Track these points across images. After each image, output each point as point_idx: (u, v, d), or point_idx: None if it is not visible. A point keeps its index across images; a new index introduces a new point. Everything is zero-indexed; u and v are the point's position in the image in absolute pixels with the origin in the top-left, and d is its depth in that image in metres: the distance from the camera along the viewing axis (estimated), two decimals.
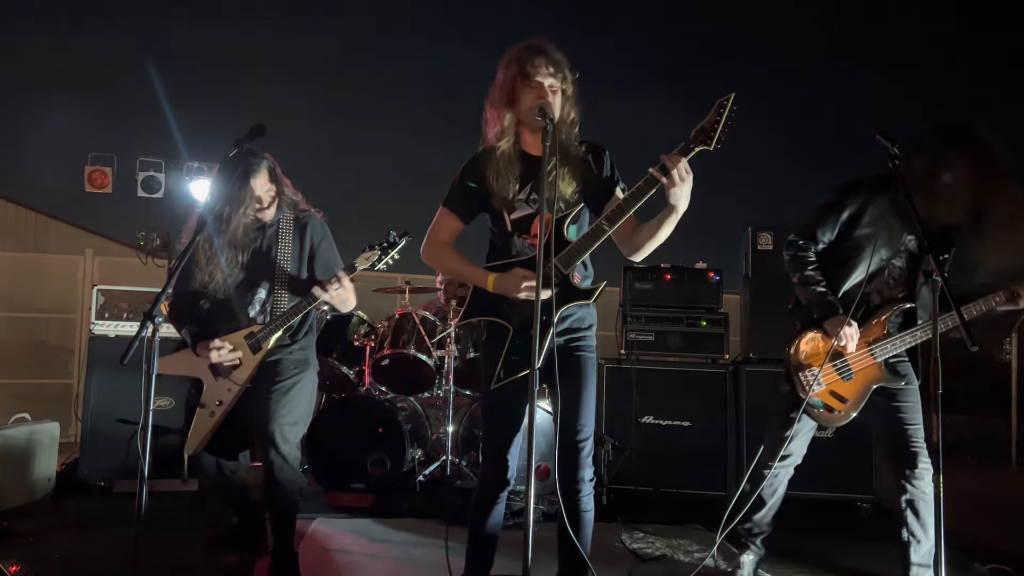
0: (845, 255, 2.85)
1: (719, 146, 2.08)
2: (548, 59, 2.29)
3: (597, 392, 2.44)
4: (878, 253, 2.76)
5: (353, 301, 2.98)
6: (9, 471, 3.91)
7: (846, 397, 2.77)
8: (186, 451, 2.97)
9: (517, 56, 2.31)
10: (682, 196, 2.14)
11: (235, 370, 2.91)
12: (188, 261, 2.86)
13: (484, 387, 2.40)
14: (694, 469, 4.52)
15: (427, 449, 4.85)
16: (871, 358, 2.75)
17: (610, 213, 2.22)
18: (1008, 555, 3.46)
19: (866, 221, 2.79)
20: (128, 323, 4.47)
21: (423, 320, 4.65)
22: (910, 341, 2.73)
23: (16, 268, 8.10)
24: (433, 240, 2.49)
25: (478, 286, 2.39)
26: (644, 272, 4.85)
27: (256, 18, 13.31)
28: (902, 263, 2.81)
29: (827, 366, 2.77)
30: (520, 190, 2.38)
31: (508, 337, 2.33)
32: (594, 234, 2.24)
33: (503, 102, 2.34)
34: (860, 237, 2.80)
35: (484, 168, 2.39)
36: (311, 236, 3.05)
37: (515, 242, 2.39)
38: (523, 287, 2.22)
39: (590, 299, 2.33)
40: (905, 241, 2.78)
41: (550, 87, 2.29)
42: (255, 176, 2.90)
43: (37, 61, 12.65)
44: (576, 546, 2.30)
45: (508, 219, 2.39)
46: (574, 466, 2.34)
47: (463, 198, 2.45)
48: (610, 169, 2.46)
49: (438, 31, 13.89)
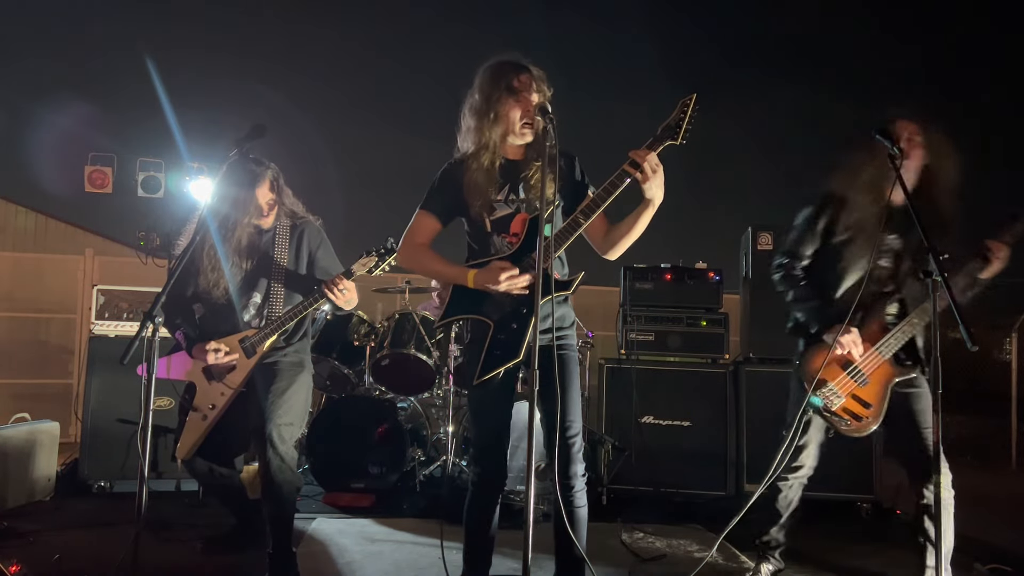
0: (831, 264, 2.88)
1: (684, 141, 2.22)
2: (531, 75, 2.41)
3: (597, 392, 2.46)
4: (862, 256, 2.78)
5: (355, 299, 3.02)
6: (9, 471, 3.92)
7: (869, 402, 2.76)
8: (178, 455, 2.99)
9: (501, 72, 2.41)
10: (656, 189, 2.24)
11: (229, 374, 2.93)
12: (188, 265, 2.88)
13: (468, 384, 2.42)
14: (694, 469, 4.51)
15: (427, 449, 4.85)
16: (879, 357, 2.75)
17: (585, 207, 2.30)
18: (1008, 555, 3.46)
19: (841, 228, 2.83)
20: (128, 323, 4.48)
21: (423, 320, 4.65)
22: (909, 331, 2.74)
23: (16, 268, 8.10)
24: (411, 242, 2.53)
25: (458, 284, 2.42)
26: (644, 272, 4.85)
27: (256, 18, 13.29)
28: (888, 262, 2.83)
29: (842, 376, 2.77)
30: (499, 192, 2.44)
31: (489, 332, 2.36)
32: (570, 227, 2.31)
33: (487, 115, 2.40)
34: (839, 244, 2.84)
35: (464, 174, 2.44)
36: (308, 243, 3.09)
37: (494, 241, 2.44)
38: (502, 278, 2.27)
39: (569, 290, 2.38)
40: (887, 240, 2.80)
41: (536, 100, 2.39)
42: (260, 185, 2.94)
43: (37, 61, 12.64)
44: (573, 543, 2.31)
45: (487, 220, 2.44)
46: (565, 462, 2.37)
47: (442, 201, 2.51)
48: (580, 174, 2.55)
49: (439, 33, 13.88)
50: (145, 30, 12.41)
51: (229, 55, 12.89)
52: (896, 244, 2.81)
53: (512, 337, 2.31)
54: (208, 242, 2.92)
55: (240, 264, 2.98)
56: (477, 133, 2.44)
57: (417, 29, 14.13)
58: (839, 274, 2.84)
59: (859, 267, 2.79)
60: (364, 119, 13.91)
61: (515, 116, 2.38)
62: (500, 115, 2.39)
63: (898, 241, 2.80)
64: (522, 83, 2.38)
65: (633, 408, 4.53)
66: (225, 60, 12.83)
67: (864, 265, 2.77)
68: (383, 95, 14.39)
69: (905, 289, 2.81)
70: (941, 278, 2.24)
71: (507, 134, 2.42)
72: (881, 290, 2.81)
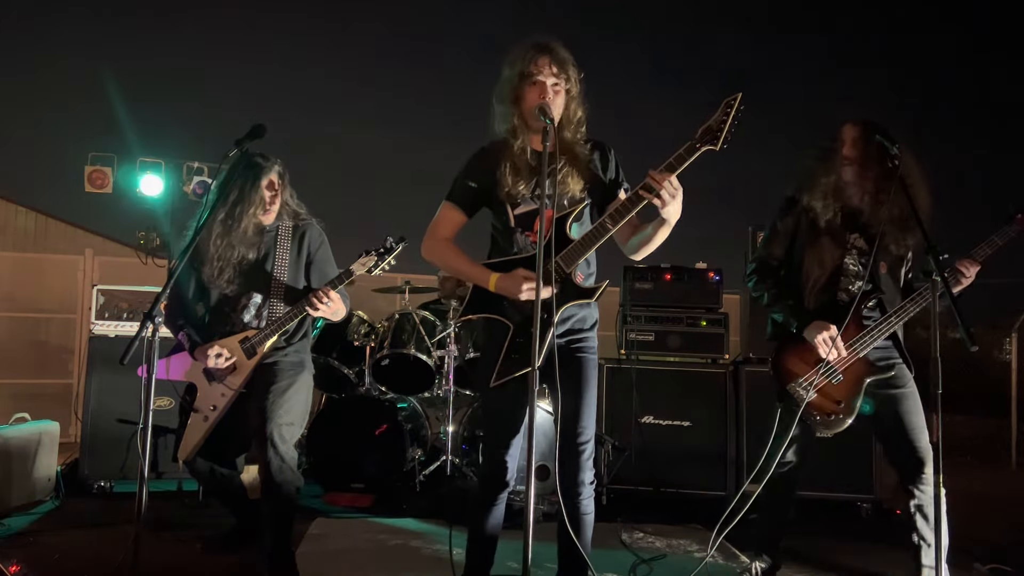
0: (799, 265, 2.92)
1: (725, 146, 2.04)
2: (552, 58, 2.28)
3: (597, 392, 2.43)
4: (828, 255, 2.83)
5: (343, 311, 2.99)
6: (9, 471, 3.92)
7: (839, 399, 2.78)
8: (179, 456, 2.98)
9: (521, 55, 2.31)
10: (672, 211, 2.14)
11: (229, 376, 2.92)
12: (192, 258, 2.87)
13: (483, 386, 2.38)
14: (694, 469, 4.51)
15: (427, 449, 4.85)
16: (854, 354, 2.76)
17: (614, 212, 2.20)
18: (1008, 555, 3.46)
19: (804, 228, 2.88)
20: (128, 323, 4.47)
21: (423, 320, 4.65)
22: (886, 329, 2.75)
23: (16, 268, 8.09)
24: (434, 236, 2.46)
25: (479, 284, 2.37)
26: (644, 272, 4.85)
27: (257, 18, 13.33)
28: (854, 260, 2.85)
29: (812, 372, 2.78)
30: (525, 185, 2.36)
31: (509, 335, 2.32)
32: (597, 233, 2.23)
33: (509, 99, 2.33)
34: (804, 245, 2.89)
35: (493, 162, 2.38)
36: (309, 244, 3.08)
37: (518, 238, 2.38)
38: (524, 288, 2.20)
39: (591, 298, 2.31)
40: (850, 239, 2.85)
41: (552, 86, 2.29)
42: (264, 178, 2.94)
43: (37, 61, 12.68)
44: (576, 547, 2.30)
45: (512, 214, 2.37)
46: (575, 468, 2.33)
47: (467, 191, 2.43)
48: (615, 170, 2.46)
49: (442, 30, 13.92)
50: (146, 30, 12.44)
51: (231, 54, 12.92)
52: (860, 243, 2.85)
53: (532, 342, 2.29)
54: (213, 234, 2.91)
55: (242, 259, 2.97)
56: (503, 117, 2.36)
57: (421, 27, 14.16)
58: (806, 275, 2.88)
59: (826, 266, 2.83)
60: (364, 119, 13.94)
61: (530, 100, 2.28)
62: (518, 98, 2.31)
63: (861, 240, 2.84)
64: (539, 66, 2.26)
65: (633, 408, 4.53)
66: (227, 60, 12.86)
67: (830, 264, 2.82)
68: (387, 92, 14.42)
69: (882, 287, 2.83)
70: (940, 278, 2.24)
71: (526, 120, 2.32)
72: (855, 288, 2.83)
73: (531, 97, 2.28)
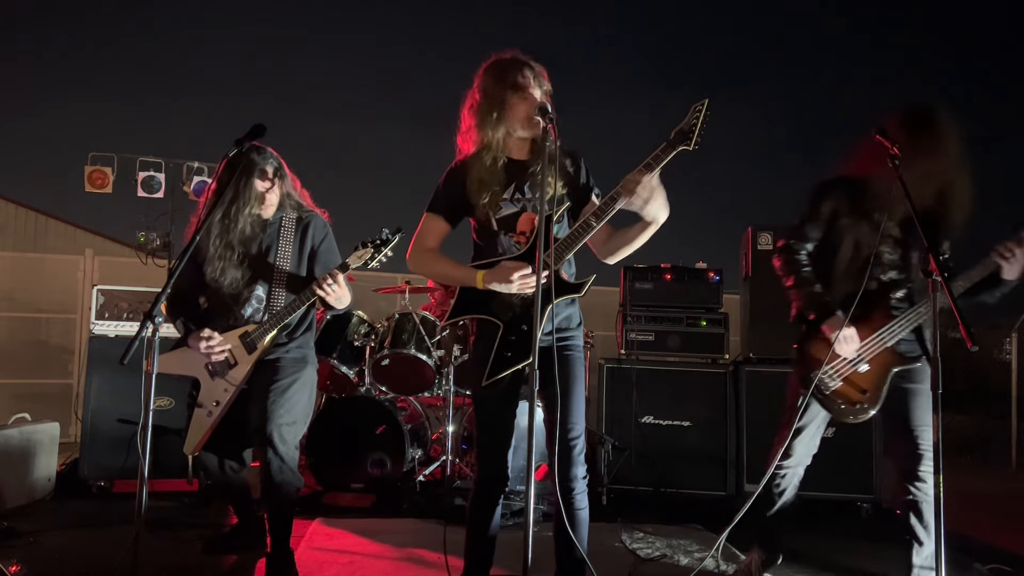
0: (834, 249, 2.87)
1: (697, 147, 2.19)
2: (533, 71, 2.38)
3: (597, 392, 2.45)
4: (864, 241, 2.78)
5: (348, 299, 2.96)
6: (9, 471, 3.92)
7: (865, 388, 2.76)
8: (185, 451, 2.97)
9: (504, 68, 2.39)
10: (657, 210, 2.22)
11: (231, 370, 2.90)
12: (193, 255, 2.86)
13: (475, 386, 2.41)
14: (694, 469, 4.52)
15: (427, 449, 4.85)
16: (881, 343, 2.75)
17: (596, 210, 2.26)
18: (1008, 555, 3.46)
19: (845, 211, 2.83)
20: (128, 323, 4.47)
21: (423, 320, 4.65)
22: (915, 320, 2.74)
23: (16, 268, 8.09)
24: (420, 247, 2.51)
25: (467, 285, 2.40)
26: (644, 272, 4.85)
27: (257, 17, 13.35)
28: (889, 248, 2.83)
29: (839, 359, 2.77)
30: (503, 191, 2.42)
31: (498, 334, 2.34)
32: (582, 230, 2.29)
33: (490, 114, 2.38)
34: (842, 228, 2.84)
35: (469, 173, 2.43)
36: (312, 236, 3.05)
37: (501, 240, 2.43)
38: (515, 277, 2.25)
39: (581, 292, 2.36)
40: (888, 228, 2.81)
41: (541, 96, 2.37)
42: (260, 173, 2.92)
43: (37, 61, 12.70)
44: (574, 545, 2.31)
45: (493, 219, 2.43)
46: (567, 464, 2.36)
47: (447, 202, 2.49)
48: (586, 176, 2.53)
49: (439, 32, 13.95)
50: (146, 30, 12.46)
51: (231, 54, 12.93)
52: (897, 232, 2.81)
53: (523, 338, 2.30)
54: (213, 232, 2.90)
55: (243, 255, 2.95)
56: (479, 132, 2.41)
57: (418, 29, 14.18)
58: (840, 260, 2.84)
59: (862, 252, 2.78)
60: (363, 117, 13.96)
61: (519, 114, 2.36)
62: (503, 114, 2.37)
63: (898, 230, 2.80)
64: (526, 79, 2.36)
65: (633, 408, 4.53)
66: (227, 60, 12.87)
67: (866, 251, 2.77)
68: (382, 94, 14.44)
69: (913, 278, 2.81)
70: (941, 278, 2.24)
71: (511, 133, 2.40)
72: (886, 277, 2.82)
73: (521, 109, 2.35)
